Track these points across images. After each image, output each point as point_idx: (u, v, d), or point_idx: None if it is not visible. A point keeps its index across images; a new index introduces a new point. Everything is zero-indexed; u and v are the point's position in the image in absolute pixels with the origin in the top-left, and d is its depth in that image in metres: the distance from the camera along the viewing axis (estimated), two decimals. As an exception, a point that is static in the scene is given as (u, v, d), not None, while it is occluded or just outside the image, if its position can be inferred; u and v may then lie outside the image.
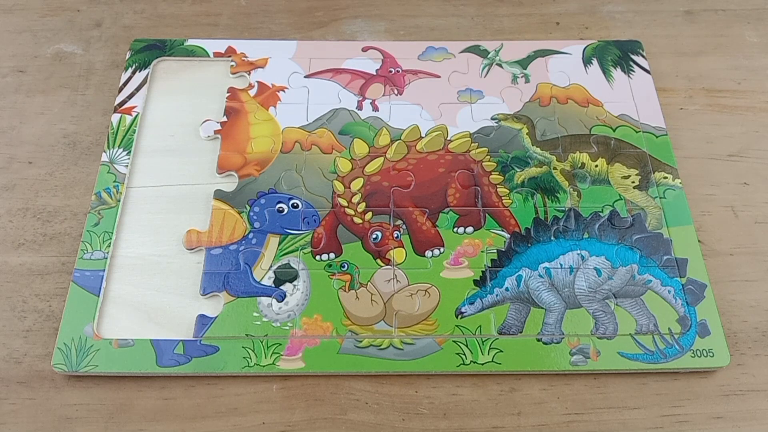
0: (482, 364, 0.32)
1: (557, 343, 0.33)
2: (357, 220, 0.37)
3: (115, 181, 0.38)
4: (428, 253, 0.36)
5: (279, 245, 0.36)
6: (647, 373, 0.33)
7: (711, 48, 0.45)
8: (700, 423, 0.32)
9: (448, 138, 0.40)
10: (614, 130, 0.40)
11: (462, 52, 0.44)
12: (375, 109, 0.41)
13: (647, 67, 0.43)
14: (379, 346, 0.33)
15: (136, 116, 0.40)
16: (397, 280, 0.35)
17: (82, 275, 0.35)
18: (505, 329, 0.33)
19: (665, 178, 0.38)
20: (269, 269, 0.35)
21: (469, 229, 0.36)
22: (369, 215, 0.37)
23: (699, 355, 0.33)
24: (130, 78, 0.42)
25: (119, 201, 0.37)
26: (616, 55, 0.43)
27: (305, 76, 0.42)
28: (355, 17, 0.46)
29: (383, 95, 0.42)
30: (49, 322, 0.34)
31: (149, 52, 0.43)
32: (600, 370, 0.33)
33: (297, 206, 0.37)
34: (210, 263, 0.35)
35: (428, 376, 0.33)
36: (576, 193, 0.38)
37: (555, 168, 0.38)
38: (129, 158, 0.39)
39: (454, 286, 0.35)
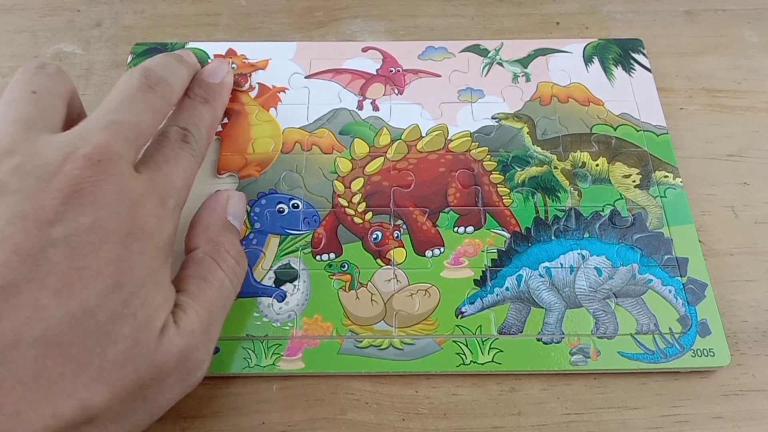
0: (482, 364, 0.32)
1: (557, 342, 0.33)
2: (357, 220, 0.37)
3: (115, 182, 0.38)
4: (428, 253, 0.36)
5: (279, 245, 0.36)
6: (647, 373, 0.33)
7: (711, 48, 0.45)
8: (700, 423, 0.32)
9: (449, 137, 0.40)
10: (615, 129, 0.40)
11: (462, 51, 0.43)
12: (375, 108, 0.41)
13: (648, 66, 0.43)
14: (379, 346, 0.33)
15: (137, 116, 0.40)
16: (398, 280, 0.35)
17: (83, 275, 0.35)
18: (506, 329, 0.33)
19: (666, 177, 0.38)
20: (269, 269, 0.35)
21: (470, 229, 0.36)
22: (369, 215, 0.37)
23: (699, 354, 0.33)
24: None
25: (119, 201, 0.37)
26: (617, 53, 0.43)
27: (306, 77, 0.42)
28: (355, 17, 0.46)
29: (383, 95, 0.42)
30: (50, 323, 0.34)
31: (150, 55, 0.43)
32: (600, 369, 0.33)
33: (297, 206, 0.37)
34: (210, 263, 0.35)
35: (428, 376, 0.33)
36: (577, 192, 0.38)
37: (556, 167, 0.38)
38: (129, 158, 0.39)
39: (455, 286, 0.35)
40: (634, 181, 0.38)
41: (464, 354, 0.33)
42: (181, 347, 0.27)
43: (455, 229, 0.36)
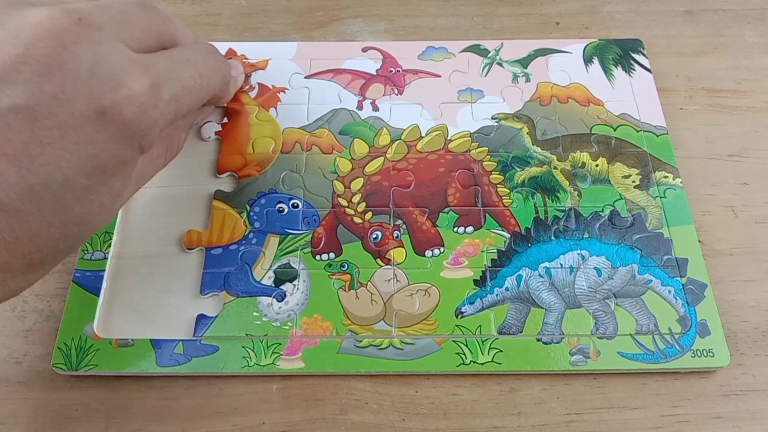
0: (482, 364, 0.32)
1: (557, 343, 0.33)
2: (357, 219, 0.37)
3: (115, 181, 0.38)
4: (428, 253, 0.36)
5: (279, 245, 0.36)
6: (647, 373, 0.33)
7: (711, 48, 0.45)
8: (700, 423, 0.32)
9: (449, 138, 0.40)
10: (615, 130, 0.40)
11: (462, 51, 0.43)
12: (375, 109, 0.41)
13: (648, 66, 0.43)
14: (379, 346, 0.33)
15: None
16: (397, 280, 0.35)
17: (83, 275, 0.35)
18: (505, 329, 0.33)
19: (666, 177, 0.38)
20: (269, 269, 0.35)
21: (469, 229, 0.36)
22: (369, 215, 0.37)
23: (699, 355, 0.33)
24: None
25: (119, 201, 0.37)
26: (617, 53, 0.43)
27: (306, 77, 0.42)
28: (355, 17, 0.46)
29: (383, 95, 0.42)
30: (49, 322, 0.34)
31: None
32: (600, 370, 0.33)
33: (297, 206, 0.37)
34: (210, 263, 0.35)
35: (428, 376, 0.33)
36: (576, 192, 0.38)
37: (555, 167, 0.38)
38: (129, 158, 0.39)
39: (454, 286, 0.35)
40: (633, 182, 0.38)
41: (464, 354, 0.33)
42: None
43: (455, 229, 0.36)
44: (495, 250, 0.36)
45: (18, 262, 0.24)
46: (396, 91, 0.42)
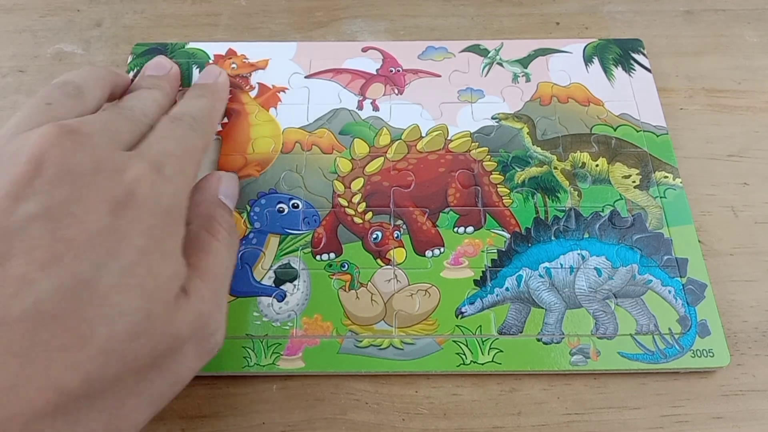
0: (482, 364, 0.32)
1: (557, 343, 0.33)
2: (357, 220, 0.37)
3: (115, 181, 0.38)
4: (428, 253, 0.36)
5: (279, 245, 0.36)
6: (647, 373, 0.33)
7: (711, 48, 0.45)
8: (700, 423, 0.32)
9: (449, 138, 0.40)
10: (615, 130, 0.40)
11: (462, 51, 0.43)
12: (375, 108, 0.41)
13: (648, 66, 0.43)
14: (379, 346, 0.33)
15: (137, 116, 0.40)
16: (398, 280, 0.35)
17: (83, 275, 0.35)
18: (506, 329, 0.33)
19: (666, 177, 0.38)
20: (269, 269, 0.35)
21: (470, 229, 0.36)
22: (369, 215, 0.37)
23: (699, 355, 0.33)
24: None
25: (119, 201, 0.37)
26: (617, 53, 0.43)
27: (306, 77, 0.42)
28: (355, 17, 0.46)
29: (384, 95, 0.42)
30: (50, 322, 0.34)
31: (151, 55, 0.43)
32: (600, 370, 0.33)
33: (297, 206, 0.37)
34: (210, 263, 0.35)
35: (428, 376, 0.33)
36: (576, 192, 0.38)
37: (555, 167, 0.38)
38: (129, 158, 0.38)
39: (455, 286, 0.35)
40: (633, 182, 0.38)
41: (464, 354, 0.33)
42: (194, 316, 0.26)
43: (455, 229, 0.36)
44: (495, 250, 0.36)
45: (72, 377, 0.22)
46: (396, 91, 0.42)
